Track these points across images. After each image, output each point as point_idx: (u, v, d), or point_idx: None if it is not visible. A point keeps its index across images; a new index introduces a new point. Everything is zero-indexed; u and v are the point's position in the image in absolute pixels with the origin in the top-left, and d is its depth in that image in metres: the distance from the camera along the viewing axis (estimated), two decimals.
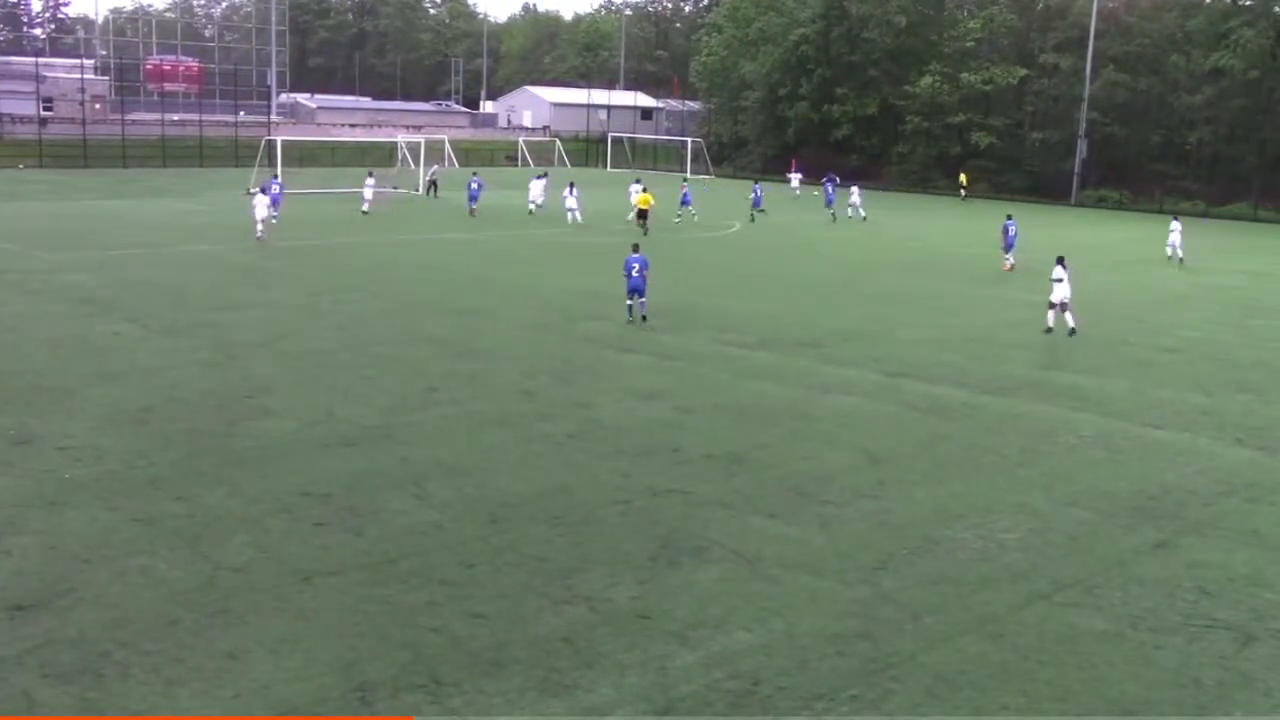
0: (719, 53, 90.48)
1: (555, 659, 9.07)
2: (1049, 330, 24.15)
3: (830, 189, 53.60)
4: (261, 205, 35.67)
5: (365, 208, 44.43)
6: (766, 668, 9.09)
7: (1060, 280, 23.99)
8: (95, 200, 48.30)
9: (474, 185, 46.35)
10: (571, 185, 44.88)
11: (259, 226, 35.32)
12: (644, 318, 23.71)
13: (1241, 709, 8.90)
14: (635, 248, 24.69)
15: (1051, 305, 24.20)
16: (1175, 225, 40.64)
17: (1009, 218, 36.99)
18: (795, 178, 66.69)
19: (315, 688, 8.53)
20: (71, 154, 66.62)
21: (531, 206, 46.67)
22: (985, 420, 17.16)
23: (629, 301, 23.99)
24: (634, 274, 23.74)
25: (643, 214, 41.53)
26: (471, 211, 45.72)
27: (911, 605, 10.35)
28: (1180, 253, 39.32)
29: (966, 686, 8.97)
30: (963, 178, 70.76)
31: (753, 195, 50.13)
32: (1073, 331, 23.78)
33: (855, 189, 51.82)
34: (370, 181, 45.96)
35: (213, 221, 40.76)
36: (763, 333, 23.26)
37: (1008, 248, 35.48)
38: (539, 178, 49.28)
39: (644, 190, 42.71)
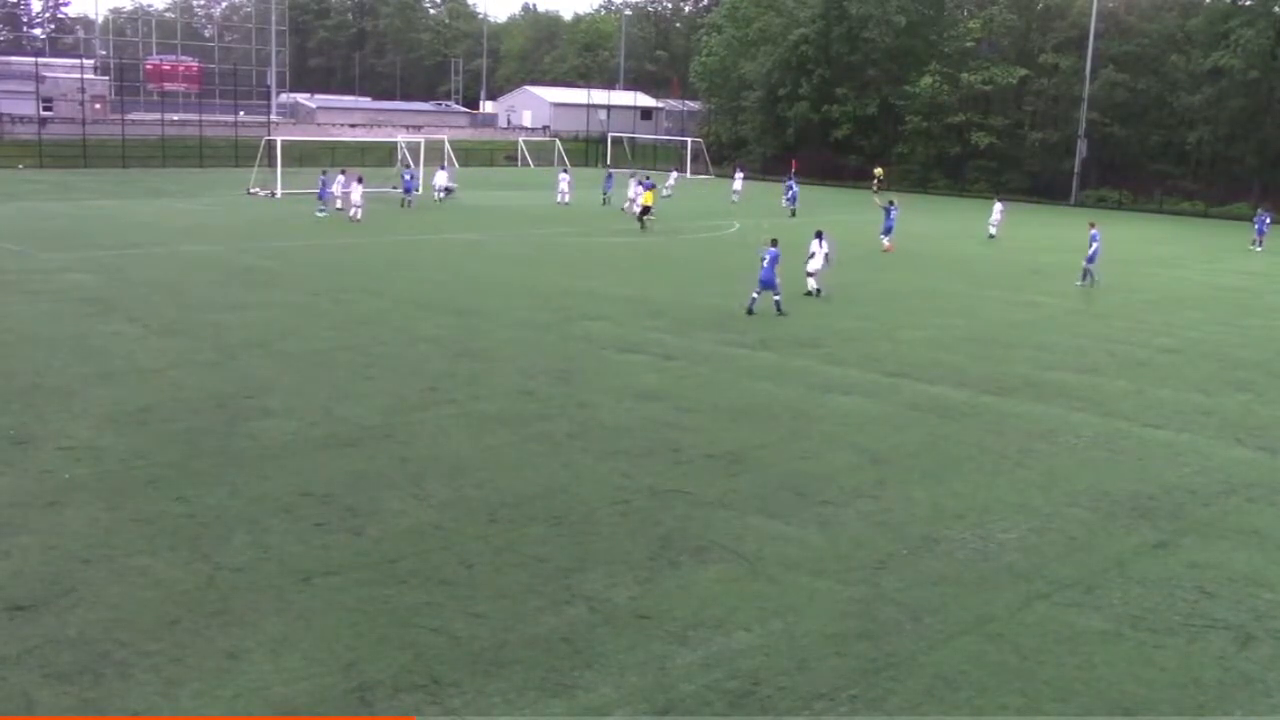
0: (719, 53, 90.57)
1: (555, 659, 9.07)
2: (815, 293, 27.70)
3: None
4: (357, 192, 41.07)
5: (321, 211, 43.87)
6: (766, 668, 9.09)
7: (814, 255, 27.77)
8: (95, 200, 48.26)
9: (407, 178, 49.83)
10: (610, 175, 52.69)
11: (356, 210, 40.71)
12: (779, 310, 24.91)
13: (1241, 709, 8.90)
14: (773, 242, 25.61)
15: (809, 274, 27.89)
16: (998, 205, 46.48)
17: (891, 203, 40.60)
18: (739, 178, 61.76)
19: (315, 688, 8.53)
20: (71, 154, 66.61)
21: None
22: (985, 420, 17.16)
23: (754, 294, 25.10)
24: (763, 266, 24.86)
25: (645, 210, 42.07)
26: (406, 203, 48.27)
27: (911, 605, 10.35)
28: (995, 231, 44.77)
29: (966, 686, 8.97)
30: (878, 172, 71.68)
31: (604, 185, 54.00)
32: (815, 292, 27.65)
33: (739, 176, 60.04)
34: (324, 178, 45.31)
35: (213, 221, 40.77)
36: (763, 333, 23.26)
37: (887, 230, 38.78)
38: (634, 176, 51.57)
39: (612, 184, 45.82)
